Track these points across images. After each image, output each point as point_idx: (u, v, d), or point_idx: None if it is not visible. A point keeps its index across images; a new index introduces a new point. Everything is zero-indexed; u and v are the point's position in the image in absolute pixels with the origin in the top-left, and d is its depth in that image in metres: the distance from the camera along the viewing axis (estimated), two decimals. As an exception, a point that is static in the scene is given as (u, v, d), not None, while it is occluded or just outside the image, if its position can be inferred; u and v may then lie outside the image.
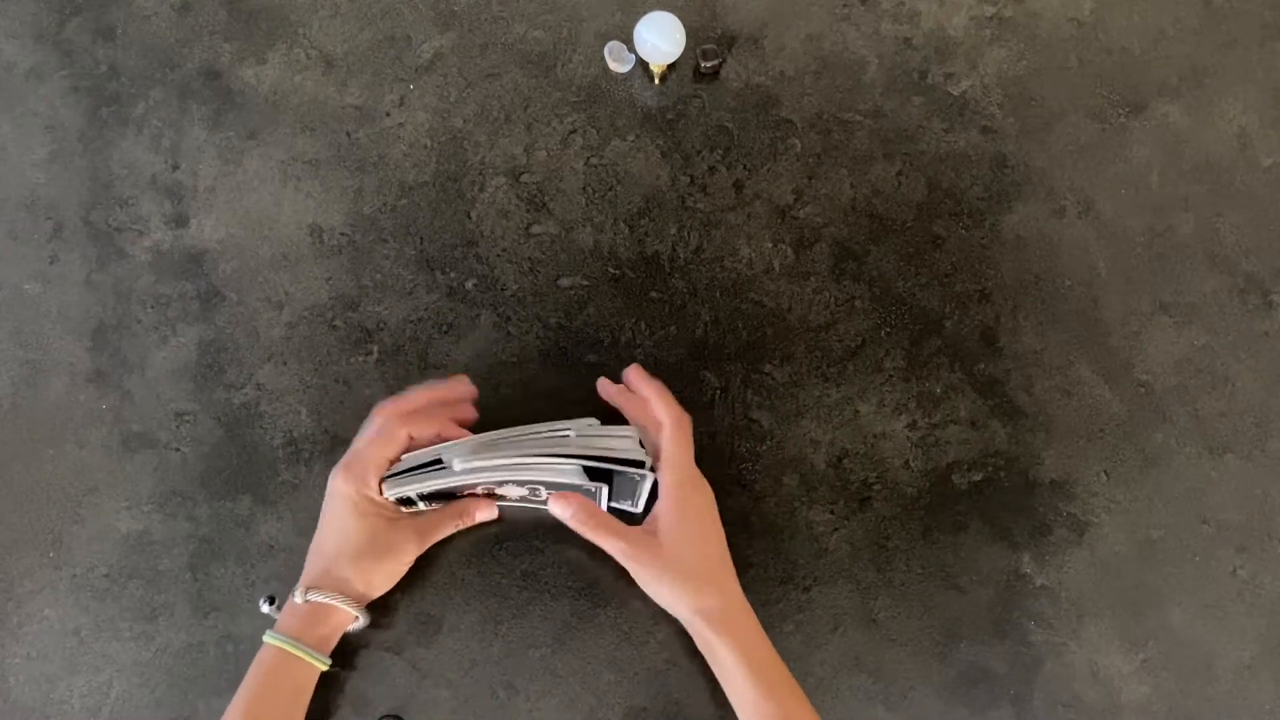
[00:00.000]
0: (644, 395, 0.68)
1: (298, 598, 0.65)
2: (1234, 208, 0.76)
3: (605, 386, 0.70)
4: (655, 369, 0.73)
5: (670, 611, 0.66)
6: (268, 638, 0.64)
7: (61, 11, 0.80)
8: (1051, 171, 0.77)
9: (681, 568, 0.64)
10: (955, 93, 0.78)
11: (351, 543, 0.65)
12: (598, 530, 0.65)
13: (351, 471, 0.65)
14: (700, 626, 0.64)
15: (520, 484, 0.66)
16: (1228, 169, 0.77)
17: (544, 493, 0.67)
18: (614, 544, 0.65)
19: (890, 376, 0.74)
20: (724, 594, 0.65)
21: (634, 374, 0.69)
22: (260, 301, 0.75)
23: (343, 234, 0.76)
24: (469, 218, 0.76)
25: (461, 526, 0.70)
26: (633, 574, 0.66)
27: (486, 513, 0.70)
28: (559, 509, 0.65)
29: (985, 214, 0.76)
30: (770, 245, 0.76)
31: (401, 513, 0.68)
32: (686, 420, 0.67)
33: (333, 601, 0.65)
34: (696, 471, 0.67)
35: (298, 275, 0.75)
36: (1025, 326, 0.74)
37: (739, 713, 0.63)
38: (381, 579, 0.67)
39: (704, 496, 0.67)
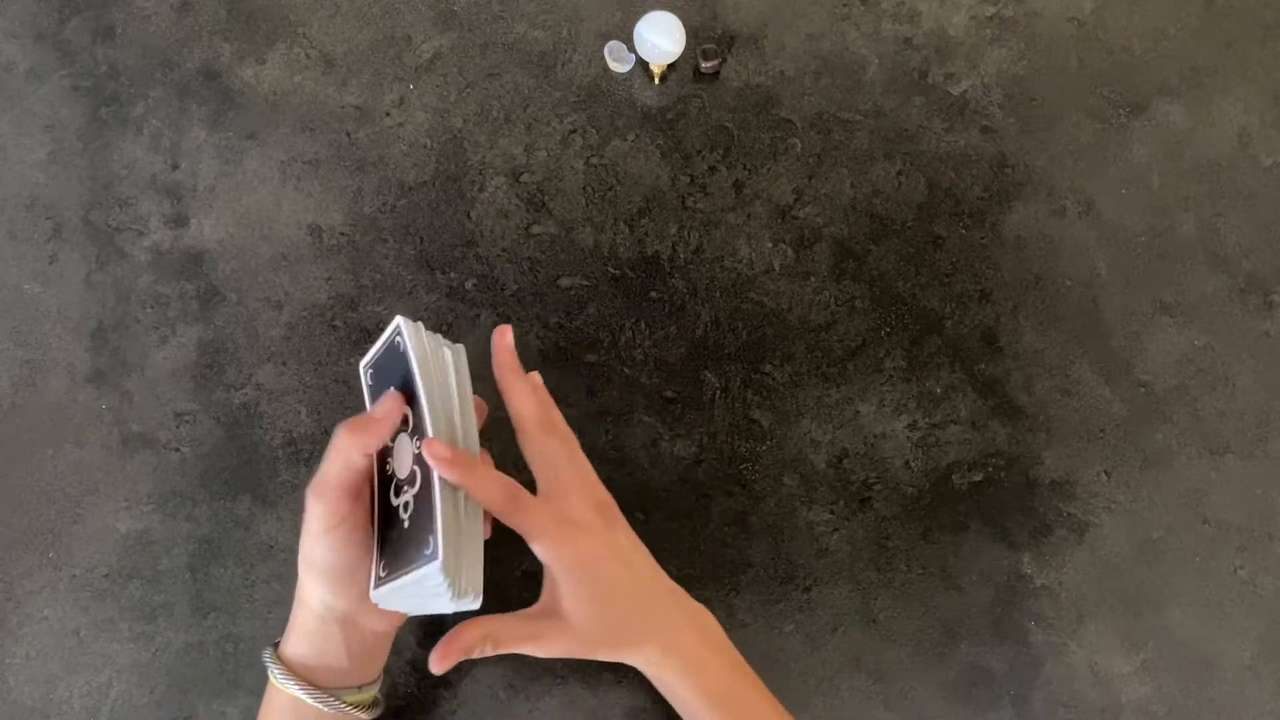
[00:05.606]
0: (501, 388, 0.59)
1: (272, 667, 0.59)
2: (1234, 208, 0.76)
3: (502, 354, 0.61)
4: (655, 369, 0.73)
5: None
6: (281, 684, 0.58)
7: (61, 11, 0.80)
8: (1051, 171, 0.77)
9: (611, 634, 0.59)
10: (955, 93, 0.78)
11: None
12: (508, 644, 0.57)
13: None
14: (647, 670, 0.61)
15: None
16: (1228, 169, 0.77)
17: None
18: (527, 646, 0.57)
19: (890, 376, 0.74)
20: (651, 642, 0.59)
21: (499, 358, 0.60)
22: (260, 301, 0.75)
23: (342, 234, 0.76)
24: (469, 218, 0.76)
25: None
26: (562, 655, 0.58)
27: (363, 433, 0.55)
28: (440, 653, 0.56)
29: (985, 214, 0.76)
30: (770, 245, 0.76)
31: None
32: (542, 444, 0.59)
33: (282, 684, 0.58)
34: (567, 522, 0.57)
35: (297, 275, 0.75)
36: (1025, 326, 0.74)
37: None
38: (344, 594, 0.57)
39: (591, 547, 0.58)
